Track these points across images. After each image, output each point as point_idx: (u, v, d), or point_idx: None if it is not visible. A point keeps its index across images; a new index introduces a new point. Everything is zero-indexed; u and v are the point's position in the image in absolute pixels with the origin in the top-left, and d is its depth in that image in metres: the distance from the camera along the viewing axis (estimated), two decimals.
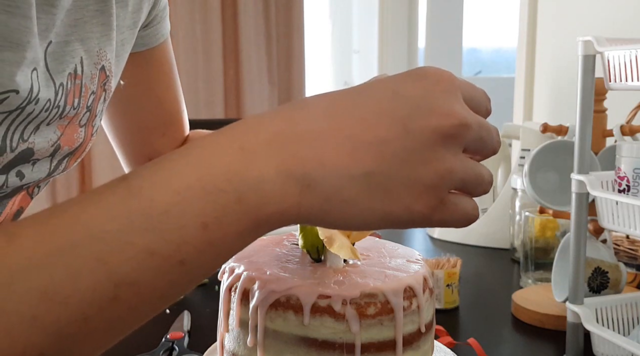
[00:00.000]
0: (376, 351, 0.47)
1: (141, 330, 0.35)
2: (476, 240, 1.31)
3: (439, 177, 0.36)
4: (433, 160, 0.36)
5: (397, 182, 0.36)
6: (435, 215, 0.37)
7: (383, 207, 0.36)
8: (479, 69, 3.53)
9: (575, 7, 1.50)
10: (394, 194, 0.36)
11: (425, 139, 0.36)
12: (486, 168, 0.40)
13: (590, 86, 0.70)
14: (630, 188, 0.69)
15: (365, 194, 0.36)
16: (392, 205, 0.36)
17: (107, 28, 0.59)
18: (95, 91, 0.59)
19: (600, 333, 0.70)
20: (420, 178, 0.36)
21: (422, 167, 0.36)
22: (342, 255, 0.48)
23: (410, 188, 0.36)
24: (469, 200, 0.39)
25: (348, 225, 0.37)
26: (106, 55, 0.60)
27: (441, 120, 0.36)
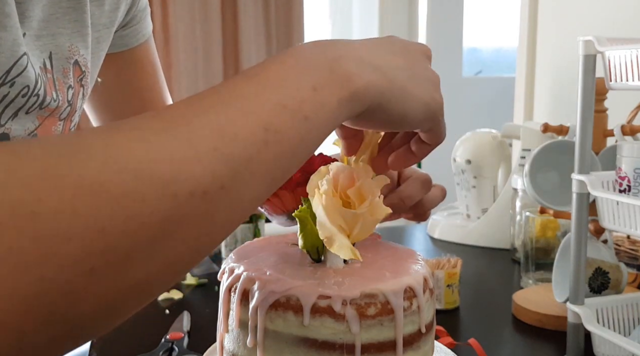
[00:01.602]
0: (376, 351, 0.47)
1: (141, 330, 0.35)
2: (476, 240, 1.31)
3: (437, 78, 0.50)
4: (428, 67, 0.49)
5: (423, 76, 0.48)
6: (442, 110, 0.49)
7: (422, 95, 0.47)
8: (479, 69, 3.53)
9: (576, 7, 1.50)
10: (425, 84, 0.47)
11: (419, 56, 0.49)
12: None
13: (590, 86, 0.70)
14: (631, 188, 0.69)
15: (411, 83, 0.46)
16: (426, 94, 0.47)
17: (80, 25, 0.60)
18: (72, 86, 0.60)
19: (601, 333, 0.70)
20: (430, 76, 0.49)
21: (427, 70, 0.49)
22: (342, 255, 0.48)
23: (429, 81, 0.48)
24: None
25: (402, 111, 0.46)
26: (79, 51, 0.61)
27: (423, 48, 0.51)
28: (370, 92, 0.43)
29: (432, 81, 0.48)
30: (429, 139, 0.52)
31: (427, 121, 0.48)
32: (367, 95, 0.43)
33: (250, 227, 1.06)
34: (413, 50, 0.49)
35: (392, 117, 0.46)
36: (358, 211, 0.48)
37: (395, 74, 0.45)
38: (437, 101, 0.48)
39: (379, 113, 0.45)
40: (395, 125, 0.48)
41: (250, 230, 1.06)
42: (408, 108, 0.46)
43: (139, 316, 0.94)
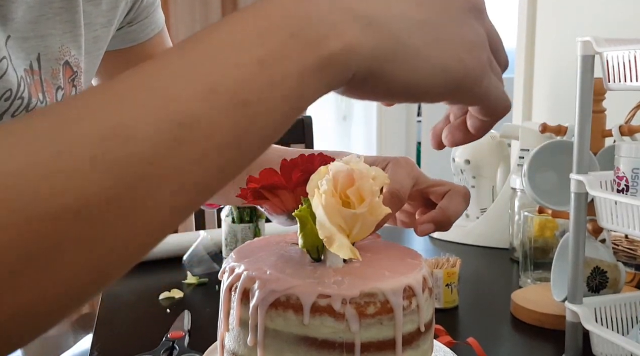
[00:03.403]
0: (376, 350, 0.47)
1: (142, 329, 0.36)
2: (475, 240, 1.32)
3: (478, 38, 0.39)
4: (470, 23, 0.39)
5: (449, 33, 0.37)
6: (485, 78, 0.39)
7: (442, 58, 0.37)
8: None
9: (575, 7, 1.50)
10: (448, 45, 0.37)
11: (460, 4, 0.39)
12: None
13: (589, 86, 0.70)
14: (629, 188, 0.69)
15: (425, 42, 0.36)
16: (448, 56, 0.37)
17: (72, 25, 0.60)
18: (62, 86, 0.60)
19: (599, 332, 0.71)
20: (466, 34, 0.38)
21: (464, 25, 0.38)
22: (342, 254, 0.48)
23: (460, 40, 0.38)
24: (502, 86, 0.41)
25: (409, 77, 0.36)
26: (70, 51, 0.60)
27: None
28: (355, 55, 0.34)
29: (467, 40, 0.38)
30: (479, 112, 0.43)
31: (454, 91, 0.38)
32: (349, 59, 0.34)
33: (250, 226, 1.06)
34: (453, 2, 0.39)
35: (396, 87, 0.36)
36: (358, 211, 0.48)
37: (401, 29, 0.36)
38: (467, 65, 0.38)
39: (374, 82, 0.36)
40: (403, 97, 0.38)
41: (250, 230, 1.06)
42: (419, 75, 0.36)
43: (140, 315, 0.95)
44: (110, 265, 0.30)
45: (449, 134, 0.47)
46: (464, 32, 0.38)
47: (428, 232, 0.58)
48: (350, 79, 0.35)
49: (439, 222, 0.58)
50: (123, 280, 1.08)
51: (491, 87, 0.40)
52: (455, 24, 0.38)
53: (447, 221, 0.59)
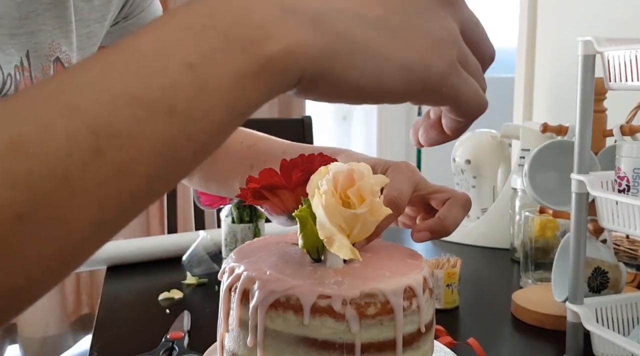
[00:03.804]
0: (376, 351, 0.47)
1: (141, 329, 0.35)
2: (476, 240, 1.31)
3: (447, 35, 0.35)
4: (439, 18, 0.35)
5: (410, 30, 0.34)
6: (452, 77, 0.35)
7: (400, 56, 0.34)
8: None
9: (575, 7, 1.50)
10: (409, 42, 0.34)
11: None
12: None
13: (590, 86, 0.70)
14: (630, 188, 0.69)
15: (380, 39, 0.33)
16: (409, 55, 0.34)
17: (63, 21, 0.60)
18: None
19: (600, 333, 0.71)
20: (430, 32, 0.35)
21: (429, 21, 0.35)
22: (342, 255, 0.48)
23: (424, 38, 0.34)
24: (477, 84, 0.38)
25: (364, 79, 0.33)
26: (60, 47, 0.60)
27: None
28: (299, 58, 0.31)
29: (433, 37, 0.35)
30: (451, 112, 0.39)
31: (417, 92, 0.35)
32: (291, 62, 0.31)
33: (250, 227, 1.06)
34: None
35: (350, 89, 0.33)
36: (358, 211, 0.48)
37: (352, 26, 0.32)
38: (431, 64, 0.34)
39: (325, 84, 0.33)
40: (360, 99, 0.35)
41: (250, 230, 1.06)
42: (374, 76, 0.33)
43: (139, 315, 0.94)
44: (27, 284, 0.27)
45: (424, 133, 0.44)
46: (429, 28, 0.35)
47: (424, 240, 0.58)
48: (298, 81, 0.32)
49: (437, 231, 0.58)
50: (123, 281, 1.08)
51: (461, 87, 0.36)
52: (420, 18, 0.35)
53: (445, 230, 0.58)
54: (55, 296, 2.39)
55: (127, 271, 1.11)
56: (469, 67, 0.37)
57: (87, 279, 2.48)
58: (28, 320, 2.36)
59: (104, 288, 1.04)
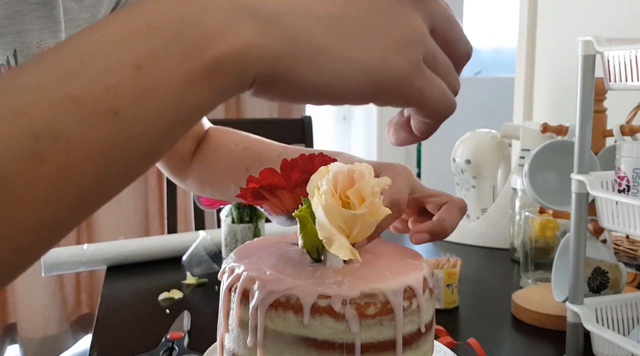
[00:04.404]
0: (376, 351, 0.47)
1: (141, 330, 0.35)
2: (476, 240, 1.31)
3: (412, 34, 0.33)
4: (404, 15, 0.34)
5: (370, 29, 0.32)
6: (415, 79, 0.34)
7: (360, 57, 0.32)
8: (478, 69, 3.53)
9: (575, 7, 1.50)
10: (368, 42, 0.32)
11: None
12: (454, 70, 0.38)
13: (590, 86, 0.70)
14: (630, 188, 0.69)
15: (340, 40, 0.32)
16: (367, 55, 0.32)
17: (51, 20, 0.60)
18: None
19: (600, 333, 0.71)
20: (393, 30, 0.33)
21: (393, 19, 0.33)
22: (342, 255, 0.48)
23: (385, 37, 0.33)
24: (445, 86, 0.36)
25: (321, 80, 0.32)
26: (48, 47, 0.60)
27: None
28: (251, 59, 0.30)
29: (396, 36, 0.33)
30: (417, 113, 0.38)
31: (378, 94, 0.34)
32: (243, 63, 0.30)
33: (250, 226, 1.06)
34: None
35: (308, 90, 0.32)
36: (357, 211, 0.48)
37: (308, 26, 0.31)
38: (392, 65, 0.33)
39: (281, 85, 0.32)
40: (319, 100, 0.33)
41: (250, 230, 1.06)
42: (332, 77, 0.32)
43: (139, 315, 0.94)
44: None
45: (393, 133, 0.42)
46: (393, 27, 0.33)
47: (423, 241, 0.58)
48: (253, 82, 0.31)
49: (436, 233, 0.58)
50: (123, 281, 1.08)
51: (426, 89, 0.35)
52: (384, 17, 0.33)
53: (443, 233, 0.58)
54: (55, 296, 2.39)
55: (127, 271, 1.12)
56: (437, 66, 0.36)
57: (87, 279, 2.49)
58: (28, 320, 2.36)
59: (104, 288, 1.04)
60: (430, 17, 0.35)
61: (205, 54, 0.29)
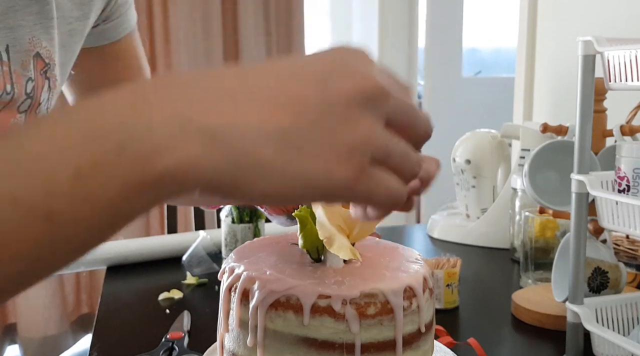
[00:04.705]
0: (376, 351, 0.47)
1: (141, 330, 0.35)
2: (476, 240, 1.31)
3: (359, 139, 0.34)
4: (353, 120, 0.33)
5: (316, 141, 0.33)
6: (358, 185, 0.34)
7: (302, 169, 0.32)
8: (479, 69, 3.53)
9: (575, 7, 1.50)
10: (313, 154, 0.33)
11: (344, 98, 0.33)
12: (415, 151, 0.38)
13: (590, 86, 0.70)
14: (630, 188, 0.69)
15: (283, 154, 0.32)
16: (312, 167, 0.33)
17: (43, 17, 0.60)
18: (33, 78, 0.60)
19: (600, 333, 0.71)
20: (340, 139, 0.33)
21: (341, 126, 0.33)
22: (342, 255, 0.48)
23: (330, 148, 0.33)
24: (395, 178, 0.37)
25: (265, 192, 0.32)
26: (41, 43, 0.60)
27: (361, 81, 0.34)
28: (194, 173, 0.30)
29: (343, 144, 0.33)
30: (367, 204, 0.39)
31: (323, 198, 0.35)
32: (186, 177, 0.30)
33: (250, 226, 1.06)
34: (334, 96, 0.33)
35: (253, 198, 0.33)
36: None
37: (253, 141, 0.31)
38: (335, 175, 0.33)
39: (225, 194, 0.32)
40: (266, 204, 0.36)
41: (250, 230, 1.06)
42: (276, 188, 0.32)
43: (139, 315, 0.94)
44: None
45: (352, 207, 0.43)
46: (339, 135, 0.33)
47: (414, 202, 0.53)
48: (196, 190, 0.31)
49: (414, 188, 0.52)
50: (123, 281, 1.08)
51: (371, 189, 0.35)
52: (330, 126, 0.33)
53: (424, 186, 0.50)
54: (55, 296, 2.38)
55: (127, 272, 1.11)
56: (390, 160, 0.36)
57: (87, 279, 2.48)
58: (28, 319, 2.36)
59: (104, 288, 1.04)
60: (385, 113, 0.35)
61: (147, 168, 0.29)
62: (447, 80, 3.06)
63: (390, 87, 0.35)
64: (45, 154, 0.29)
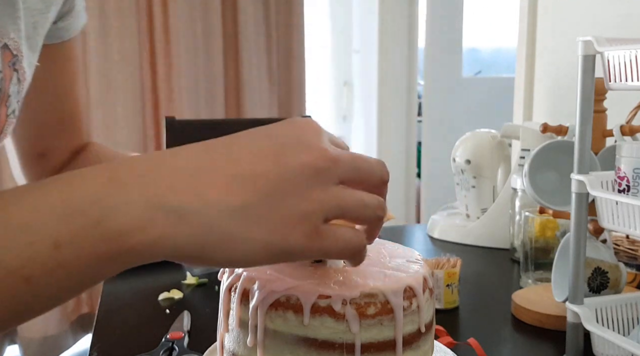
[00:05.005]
0: (376, 351, 0.47)
1: (141, 330, 0.36)
2: (476, 240, 1.31)
3: (311, 206, 0.38)
4: (304, 192, 0.38)
5: (273, 213, 0.37)
6: (313, 244, 0.39)
7: (261, 238, 0.37)
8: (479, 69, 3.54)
9: (575, 7, 1.50)
10: (271, 224, 0.37)
11: (296, 173, 0.38)
12: (373, 196, 0.42)
13: (590, 86, 0.70)
14: (630, 188, 0.69)
15: (243, 226, 0.37)
16: (271, 236, 0.37)
17: (10, 7, 0.60)
18: (1, 70, 0.60)
19: (600, 333, 0.71)
20: (293, 209, 0.38)
21: (294, 198, 0.38)
22: None
23: (285, 218, 0.37)
24: (352, 230, 0.41)
25: (230, 260, 0.37)
26: (9, 34, 0.60)
27: (310, 156, 0.39)
28: (163, 248, 0.35)
29: (297, 213, 0.38)
30: None
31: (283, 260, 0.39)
32: (154, 251, 0.35)
33: None
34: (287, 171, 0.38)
35: (217, 264, 0.38)
36: None
37: (216, 217, 0.36)
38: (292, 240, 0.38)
39: (193, 262, 0.38)
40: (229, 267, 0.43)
41: None
42: (239, 256, 0.37)
43: (139, 316, 0.94)
44: None
45: None
46: (292, 205, 0.38)
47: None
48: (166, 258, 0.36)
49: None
50: (123, 281, 1.08)
51: (327, 245, 0.39)
52: (283, 198, 0.38)
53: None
54: None
55: (127, 272, 1.11)
56: (347, 214, 0.40)
57: None
58: None
59: (104, 288, 1.04)
60: (335, 177, 0.40)
61: (121, 241, 0.34)
62: (447, 80, 3.07)
63: (338, 154, 0.40)
64: (26, 225, 0.33)
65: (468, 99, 3.07)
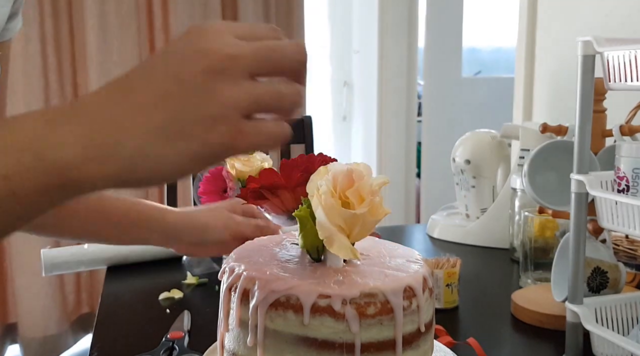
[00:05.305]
0: (376, 350, 0.47)
1: (142, 329, 0.36)
2: (476, 240, 1.31)
3: (223, 107, 0.39)
4: (212, 95, 0.39)
5: (188, 123, 0.39)
6: (236, 143, 0.40)
7: (185, 148, 0.39)
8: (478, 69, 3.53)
9: (575, 7, 1.50)
10: (189, 134, 0.39)
11: (198, 81, 0.39)
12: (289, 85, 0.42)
13: (589, 86, 0.70)
14: (629, 188, 0.69)
15: (165, 144, 0.39)
16: (192, 145, 0.39)
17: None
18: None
19: (600, 333, 0.71)
20: (206, 113, 0.39)
21: (204, 104, 0.39)
22: (342, 255, 0.48)
23: (200, 124, 0.39)
24: (274, 123, 0.42)
25: (163, 176, 0.41)
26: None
27: (207, 60, 0.39)
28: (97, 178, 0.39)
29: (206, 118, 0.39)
30: None
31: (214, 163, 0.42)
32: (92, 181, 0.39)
33: None
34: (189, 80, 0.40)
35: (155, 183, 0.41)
36: (357, 211, 0.48)
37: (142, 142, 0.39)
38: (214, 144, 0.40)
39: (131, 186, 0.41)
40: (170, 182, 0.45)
41: None
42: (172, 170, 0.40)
43: (139, 315, 0.94)
44: None
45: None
46: (203, 111, 0.39)
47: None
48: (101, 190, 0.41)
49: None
50: (123, 281, 1.08)
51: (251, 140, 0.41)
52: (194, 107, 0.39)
53: None
54: (55, 296, 2.39)
55: (127, 271, 1.12)
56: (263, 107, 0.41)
57: (87, 279, 2.48)
58: (28, 319, 2.36)
59: (104, 288, 1.04)
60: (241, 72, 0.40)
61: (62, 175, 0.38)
62: (447, 80, 3.07)
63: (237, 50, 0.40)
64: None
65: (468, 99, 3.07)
